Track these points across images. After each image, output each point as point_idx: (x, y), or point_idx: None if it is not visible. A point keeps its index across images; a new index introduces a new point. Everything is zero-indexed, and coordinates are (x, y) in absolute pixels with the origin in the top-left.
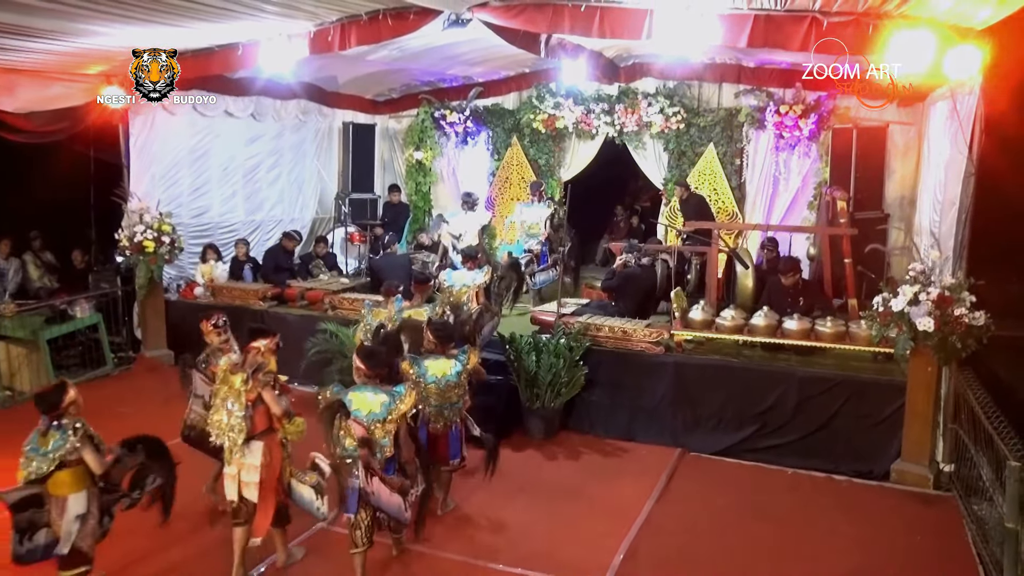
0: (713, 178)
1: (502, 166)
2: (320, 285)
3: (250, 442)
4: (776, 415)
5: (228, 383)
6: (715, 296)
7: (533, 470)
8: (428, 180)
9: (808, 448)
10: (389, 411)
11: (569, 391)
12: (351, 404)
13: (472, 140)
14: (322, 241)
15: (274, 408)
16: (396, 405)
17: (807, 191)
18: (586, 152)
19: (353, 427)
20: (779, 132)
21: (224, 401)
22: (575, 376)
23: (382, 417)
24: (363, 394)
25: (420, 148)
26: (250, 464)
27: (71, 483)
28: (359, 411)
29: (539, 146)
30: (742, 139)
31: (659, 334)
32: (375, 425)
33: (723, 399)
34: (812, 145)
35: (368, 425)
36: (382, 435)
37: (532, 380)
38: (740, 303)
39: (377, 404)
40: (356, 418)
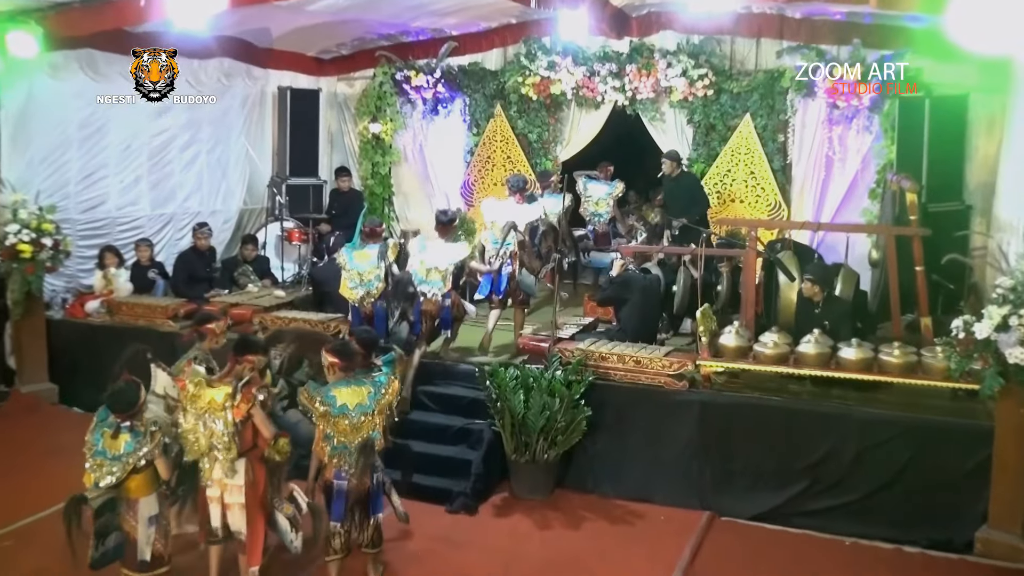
0: (750, 159)
1: (482, 142)
2: (248, 299)
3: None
4: (830, 469)
5: (203, 396)
6: (751, 314)
7: (521, 541)
8: (388, 160)
9: (870, 511)
10: (377, 401)
11: (567, 439)
12: (336, 401)
13: (444, 109)
14: (251, 241)
15: (264, 430)
16: (383, 394)
17: (868, 176)
18: (589, 125)
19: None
20: (832, 101)
21: (200, 417)
22: (575, 419)
23: (371, 409)
24: (346, 388)
25: (378, 119)
26: (234, 485)
27: (142, 487)
28: (346, 406)
29: (529, 117)
30: (786, 109)
31: (681, 364)
32: (364, 418)
33: (763, 448)
34: (874, 118)
35: (357, 419)
36: (371, 428)
37: (520, 425)
38: (783, 324)
39: (364, 395)
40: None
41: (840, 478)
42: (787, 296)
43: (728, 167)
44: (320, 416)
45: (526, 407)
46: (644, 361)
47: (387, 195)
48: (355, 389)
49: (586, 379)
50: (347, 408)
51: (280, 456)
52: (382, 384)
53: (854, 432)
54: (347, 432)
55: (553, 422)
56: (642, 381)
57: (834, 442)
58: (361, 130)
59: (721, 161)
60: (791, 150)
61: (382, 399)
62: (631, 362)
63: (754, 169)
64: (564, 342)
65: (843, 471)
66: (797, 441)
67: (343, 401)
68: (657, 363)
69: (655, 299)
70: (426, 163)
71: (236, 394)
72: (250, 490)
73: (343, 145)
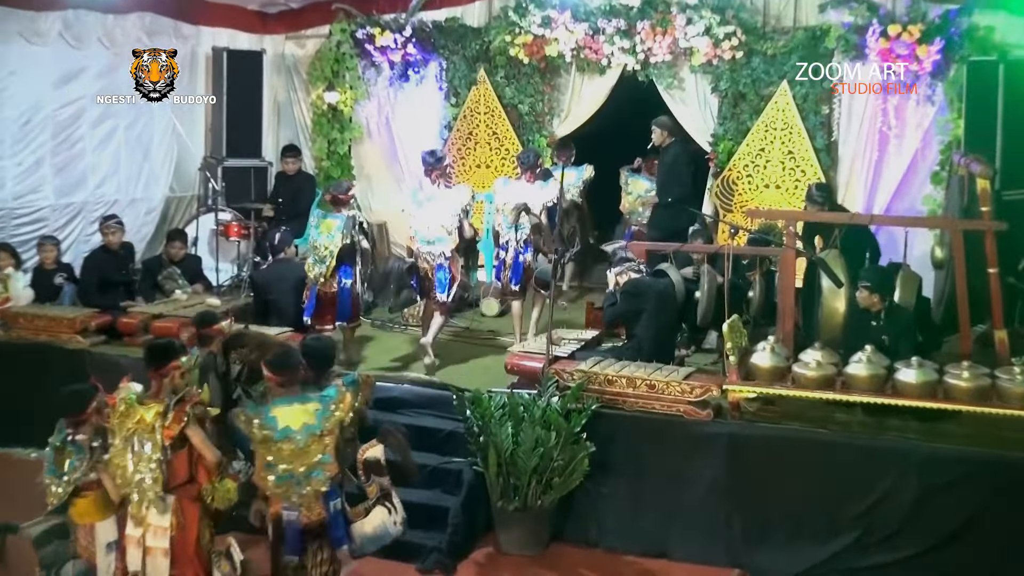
0: (787, 135)
1: (463, 115)
2: (175, 310)
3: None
4: (885, 517)
5: (134, 416)
6: (790, 327)
7: None
8: (347, 137)
9: (935, 569)
10: (326, 419)
11: (566, 481)
12: (277, 422)
13: (416, 75)
14: (178, 237)
15: (207, 453)
16: (331, 411)
17: (930, 156)
18: (592, 94)
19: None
20: (887, 64)
21: (128, 441)
22: (575, 457)
23: (319, 429)
24: (288, 407)
25: (335, 87)
26: (158, 526)
27: (93, 510)
28: (290, 428)
29: (520, 84)
30: (832, 75)
31: (705, 389)
32: (312, 440)
33: (804, 492)
34: (937, 86)
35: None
36: (320, 451)
37: (508, 464)
38: (828, 338)
39: (311, 414)
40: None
41: (897, 528)
42: (832, 305)
43: (761, 146)
44: (260, 443)
45: (515, 442)
46: (659, 385)
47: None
48: (300, 407)
49: (589, 408)
50: (291, 430)
51: (220, 504)
52: (331, 399)
53: (915, 472)
54: (292, 458)
55: (548, 461)
56: (657, 410)
57: (891, 484)
58: (314, 100)
59: (752, 138)
60: (837, 125)
61: (331, 416)
62: (644, 386)
63: (792, 148)
64: (562, 362)
65: (901, 519)
66: (846, 483)
67: (286, 423)
68: (675, 388)
69: (672, 308)
70: (394, 140)
71: (168, 412)
72: (179, 534)
73: (292, 119)
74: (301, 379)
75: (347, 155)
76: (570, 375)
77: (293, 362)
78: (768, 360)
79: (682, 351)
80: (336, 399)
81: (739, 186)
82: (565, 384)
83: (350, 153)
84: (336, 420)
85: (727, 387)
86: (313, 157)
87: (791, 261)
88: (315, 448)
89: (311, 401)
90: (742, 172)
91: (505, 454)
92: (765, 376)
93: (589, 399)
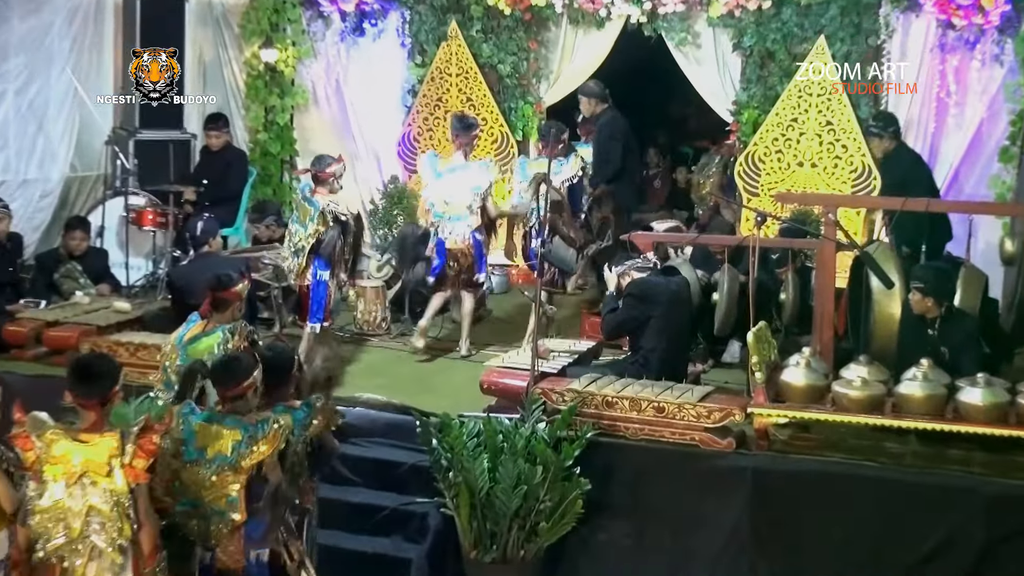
0: (825, 103)
1: (430, 77)
2: (75, 315)
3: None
4: (946, 567)
5: (68, 456)
6: (830, 337)
7: None
8: (289, 103)
9: None
10: (240, 456)
11: (555, 527)
12: (193, 441)
13: (373, 28)
14: (80, 227)
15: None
16: (251, 449)
17: (998, 128)
18: (588, 52)
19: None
20: (946, 19)
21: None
22: (567, 497)
23: (231, 462)
24: (212, 426)
25: (273, 43)
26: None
27: None
28: (203, 452)
29: (500, 40)
30: (879, 31)
31: (725, 413)
32: (223, 472)
33: (845, 538)
34: (1006, 43)
35: (212, 473)
36: (227, 489)
37: (484, 506)
38: (877, 351)
39: (228, 443)
40: (196, 462)
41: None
42: (886, 311)
43: (794, 115)
44: (171, 455)
45: (493, 479)
46: (670, 408)
47: (288, 155)
48: (221, 430)
49: (583, 436)
50: (204, 455)
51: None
52: (258, 433)
53: (981, 514)
54: (196, 488)
55: (534, 501)
56: (667, 438)
57: (952, 528)
58: (249, 59)
59: (783, 106)
60: (886, 91)
61: (248, 456)
62: (650, 410)
63: (832, 118)
64: (550, 379)
65: (966, 570)
66: (897, 528)
67: (202, 444)
68: (689, 411)
69: (686, 314)
70: (346, 108)
71: (126, 442)
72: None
73: (222, 82)
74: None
75: (288, 126)
76: (560, 396)
77: (231, 372)
78: (803, 377)
79: (698, 366)
80: (262, 435)
81: (767, 164)
82: (554, 407)
83: (292, 123)
84: (250, 463)
85: (752, 410)
86: (247, 128)
87: (830, 256)
88: (222, 484)
89: (236, 428)
90: (771, 147)
91: (480, 493)
92: (799, 397)
93: (583, 425)
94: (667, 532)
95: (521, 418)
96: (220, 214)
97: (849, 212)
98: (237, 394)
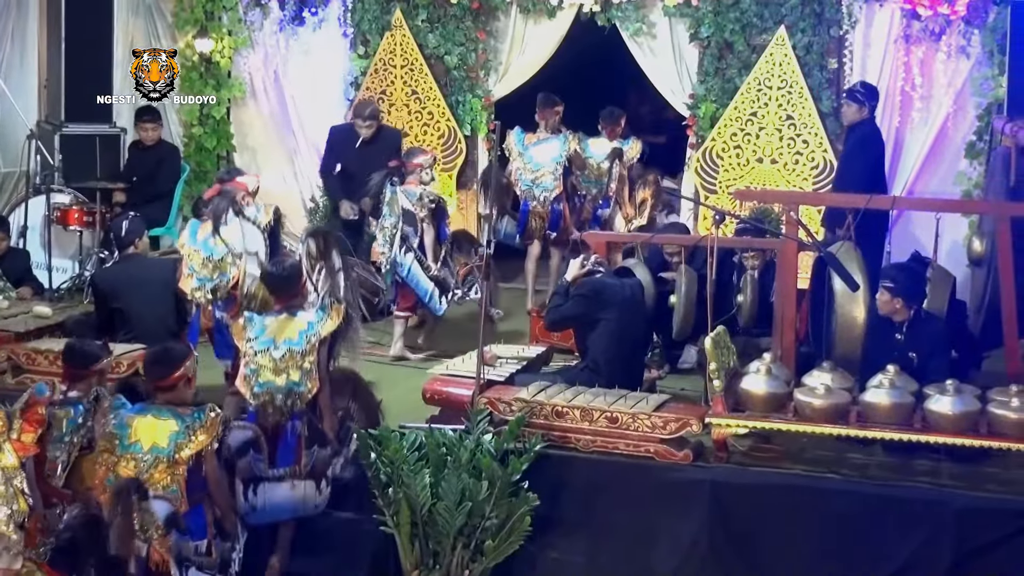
0: (786, 96)
1: (374, 69)
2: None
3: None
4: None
5: None
6: (791, 340)
7: None
8: (225, 95)
9: None
10: (178, 447)
11: (502, 545)
12: (127, 434)
13: (313, 16)
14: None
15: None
16: (189, 438)
17: (964, 122)
18: (539, 43)
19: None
20: (911, 9)
21: None
22: (514, 514)
23: (167, 454)
24: (143, 418)
25: (208, 32)
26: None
27: None
28: (139, 444)
29: (446, 30)
30: (841, 20)
31: (682, 424)
32: (160, 464)
33: (808, 555)
34: (973, 34)
35: (149, 466)
36: (164, 481)
37: (426, 524)
38: (842, 356)
39: (165, 435)
40: (132, 454)
41: None
42: (847, 313)
43: (753, 109)
44: (101, 451)
45: (435, 495)
46: (623, 419)
47: (225, 150)
48: (155, 422)
49: (532, 449)
50: (139, 448)
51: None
52: (195, 423)
53: (951, 528)
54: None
55: (479, 519)
56: (621, 450)
57: (920, 544)
58: (182, 49)
59: (742, 100)
60: (848, 83)
61: (186, 446)
62: (603, 420)
63: (792, 112)
64: (496, 388)
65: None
66: (863, 542)
67: (137, 437)
68: (644, 422)
69: (640, 318)
70: (286, 101)
71: (12, 419)
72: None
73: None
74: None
75: (225, 119)
76: (508, 406)
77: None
78: (763, 385)
79: (653, 372)
80: (199, 425)
81: (725, 160)
82: (501, 417)
83: (228, 117)
84: (187, 454)
85: (710, 420)
86: (181, 122)
87: (792, 256)
88: (159, 476)
89: (170, 418)
90: (729, 143)
91: (422, 510)
92: (759, 406)
93: (532, 437)
94: (621, 549)
95: (466, 429)
96: (151, 213)
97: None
98: (169, 384)
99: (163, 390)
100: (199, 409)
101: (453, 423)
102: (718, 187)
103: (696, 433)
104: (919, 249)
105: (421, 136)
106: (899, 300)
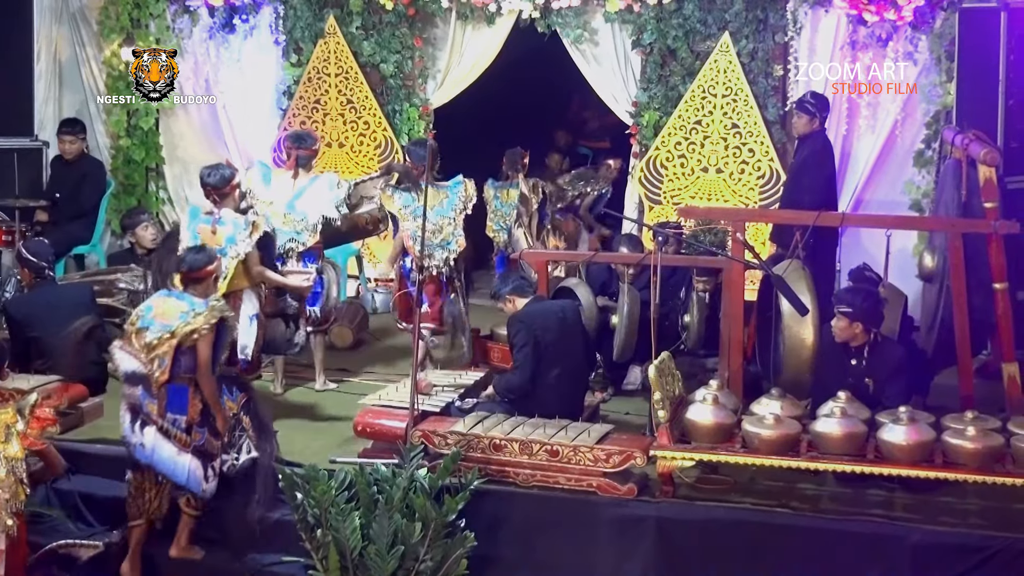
0: (731, 104)
1: (307, 78)
2: None
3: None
4: None
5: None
6: (739, 364)
7: None
8: (154, 106)
9: None
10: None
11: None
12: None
13: (244, 24)
14: None
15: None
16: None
17: (911, 130)
18: (477, 50)
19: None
20: (857, 14)
21: None
22: (451, 556)
23: (171, 328)
24: (169, 300)
25: (135, 40)
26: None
27: None
28: (153, 321)
29: (382, 37)
30: (786, 27)
31: (625, 456)
32: (162, 336)
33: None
34: (920, 40)
35: (153, 336)
36: (162, 349)
37: (357, 568)
38: (789, 380)
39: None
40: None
41: None
42: (795, 335)
43: (697, 117)
44: (130, 322)
45: (366, 537)
46: (564, 452)
47: (154, 163)
48: (176, 302)
49: (468, 485)
50: (153, 323)
51: None
52: (199, 308)
53: (906, 564)
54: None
55: (413, 562)
56: (562, 485)
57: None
58: (108, 58)
59: (686, 108)
60: (794, 90)
61: (184, 325)
62: (543, 453)
63: (737, 120)
64: (431, 419)
65: None
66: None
67: (156, 314)
68: (586, 455)
69: (579, 340)
70: (216, 111)
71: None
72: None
73: (79, 82)
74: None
75: (154, 131)
76: (443, 439)
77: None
78: (710, 415)
79: (597, 394)
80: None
81: (669, 170)
82: (437, 451)
83: (158, 128)
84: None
85: (655, 453)
86: (108, 134)
87: (738, 277)
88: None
89: (183, 301)
90: (673, 152)
91: (352, 554)
92: (706, 436)
93: (469, 472)
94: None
95: (399, 464)
96: (75, 231)
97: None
98: (202, 276)
99: (195, 282)
100: (209, 300)
101: (387, 458)
102: (663, 197)
103: (640, 466)
104: (867, 262)
105: (357, 147)
106: (858, 325)
